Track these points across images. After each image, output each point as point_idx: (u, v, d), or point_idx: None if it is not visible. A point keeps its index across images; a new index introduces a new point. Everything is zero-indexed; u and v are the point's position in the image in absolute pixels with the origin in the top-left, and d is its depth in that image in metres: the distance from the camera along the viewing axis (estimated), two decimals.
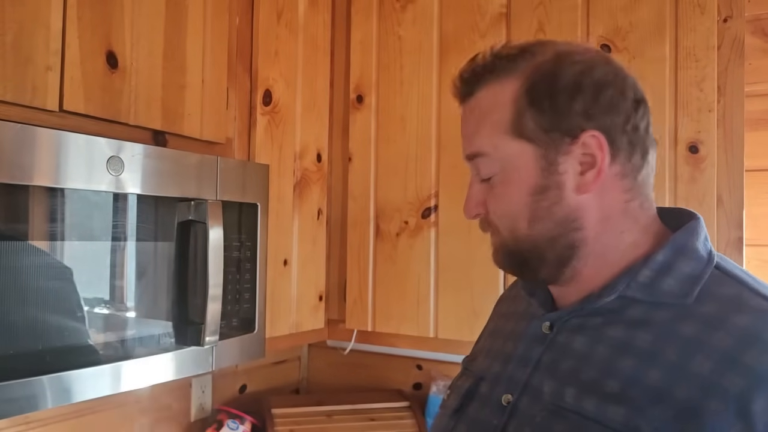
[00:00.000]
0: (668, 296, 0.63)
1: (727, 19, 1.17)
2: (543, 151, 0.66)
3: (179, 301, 1.06)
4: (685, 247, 0.66)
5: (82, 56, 0.96)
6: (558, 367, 0.67)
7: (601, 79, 0.66)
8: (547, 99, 0.66)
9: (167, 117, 1.11)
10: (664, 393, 0.58)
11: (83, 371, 0.90)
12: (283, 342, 1.40)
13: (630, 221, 0.68)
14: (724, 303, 0.61)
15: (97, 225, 0.94)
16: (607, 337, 0.65)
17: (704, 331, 0.59)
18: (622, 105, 0.66)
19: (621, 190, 0.67)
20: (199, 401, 1.55)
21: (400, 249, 1.45)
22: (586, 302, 0.68)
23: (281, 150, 1.38)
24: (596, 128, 0.65)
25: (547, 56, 0.68)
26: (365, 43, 1.51)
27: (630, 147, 0.67)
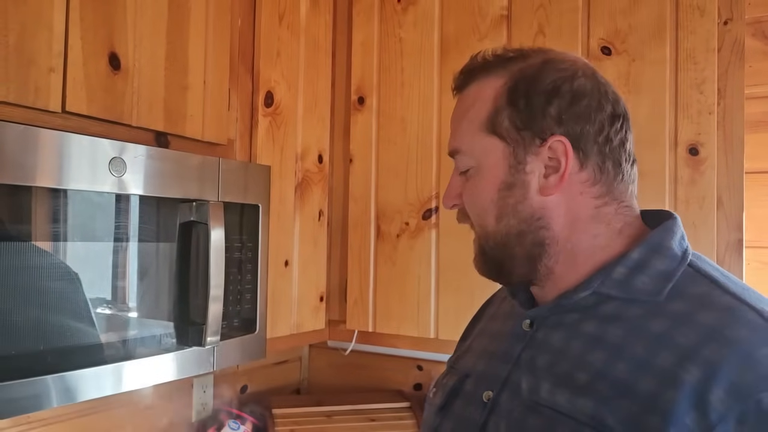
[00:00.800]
0: (641, 293, 0.65)
1: (727, 21, 1.17)
2: (513, 149, 0.69)
3: (181, 302, 1.06)
4: (660, 246, 0.68)
5: (85, 57, 0.97)
6: (536, 363, 0.69)
7: (580, 88, 0.69)
8: (524, 99, 0.69)
9: (169, 118, 1.11)
10: (630, 386, 0.60)
11: (86, 371, 0.91)
12: (284, 342, 1.41)
13: (602, 225, 0.69)
14: (693, 301, 0.63)
15: (100, 226, 0.95)
16: (581, 333, 0.67)
17: (672, 328, 0.61)
18: (597, 116, 0.68)
19: (591, 196, 0.69)
20: (200, 401, 1.56)
21: (400, 250, 1.45)
22: (562, 298, 0.70)
23: (283, 151, 1.38)
24: (565, 134, 0.67)
25: (536, 60, 0.71)
26: (366, 44, 1.51)
27: (601, 157, 0.68)
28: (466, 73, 0.76)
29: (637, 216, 0.72)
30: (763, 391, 0.54)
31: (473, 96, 0.73)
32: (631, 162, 0.72)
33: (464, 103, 0.75)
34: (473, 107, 0.73)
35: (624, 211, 0.70)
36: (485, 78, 0.73)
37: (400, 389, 1.75)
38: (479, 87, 0.73)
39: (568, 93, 0.68)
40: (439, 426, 0.78)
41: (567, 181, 0.68)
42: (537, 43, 1.32)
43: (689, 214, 1.17)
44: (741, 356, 0.56)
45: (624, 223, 0.70)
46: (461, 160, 0.74)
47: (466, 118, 0.73)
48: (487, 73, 0.73)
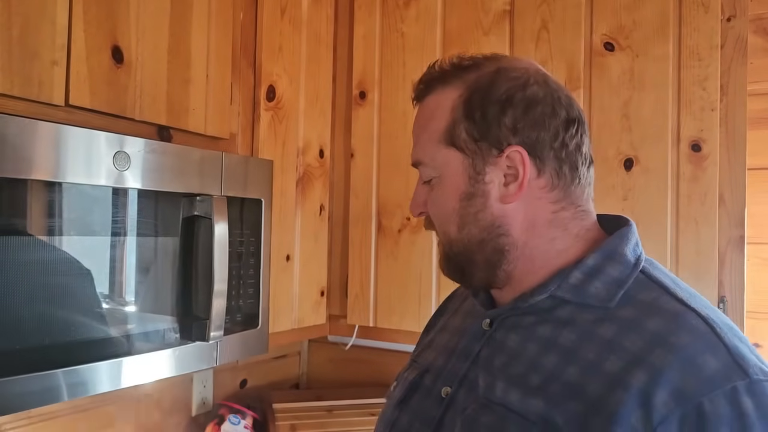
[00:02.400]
0: (594, 299, 0.67)
1: (730, 18, 1.17)
2: (471, 160, 0.71)
3: (184, 297, 1.06)
4: (615, 252, 0.69)
5: (88, 51, 0.96)
6: (492, 363, 0.71)
7: (533, 96, 0.70)
8: (479, 110, 0.70)
9: (172, 112, 1.10)
10: (579, 388, 0.62)
11: (91, 366, 0.90)
12: (285, 337, 1.40)
13: (559, 229, 0.71)
14: (642, 307, 0.65)
15: (103, 220, 0.94)
16: (537, 336, 0.69)
17: (620, 334, 0.63)
18: (551, 122, 0.69)
19: (548, 201, 0.70)
20: (200, 396, 1.55)
21: (401, 245, 1.45)
22: (519, 300, 0.72)
23: (284, 146, 1.38)
24: (521, 143, 0.69)
25: (490, 69, 0.72)
26: (368, 39, 1.51)
27: (557, 162, 0.70)
28: (425, 83, 0.76)
29: (593, 221, 0.74)
30: (704, 395, 0.56)
31: (432, 107, 0.75)
32: (588, 165, 0.73)
33: (423, 115, 0.76)
34: (432, 119, 0.74)
35: (580, 216, 0.72)
36: (442, 89, 0.74)
37: None
38: (437, 98, 0.74)
39: (522, 102, 0.69)
40: (396, 419, 0.79)
41: (526, 188, 0.69)
42: (540, 40, 1.32)
43: (691, 210, 1.18)
44: (684, 361, 0.58)
45: (581, 228, 0.72)
46: (424, 171, 0.76)
47: (426, 131, 0.75)
48: (444, 83, 0.74)
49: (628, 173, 1.23)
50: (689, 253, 1.18)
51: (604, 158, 1.25)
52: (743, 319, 1.15)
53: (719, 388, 0.56)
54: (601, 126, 1.25)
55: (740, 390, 0.56)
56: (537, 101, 0.70)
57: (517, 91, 0.69)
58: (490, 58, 0.75)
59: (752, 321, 1.31)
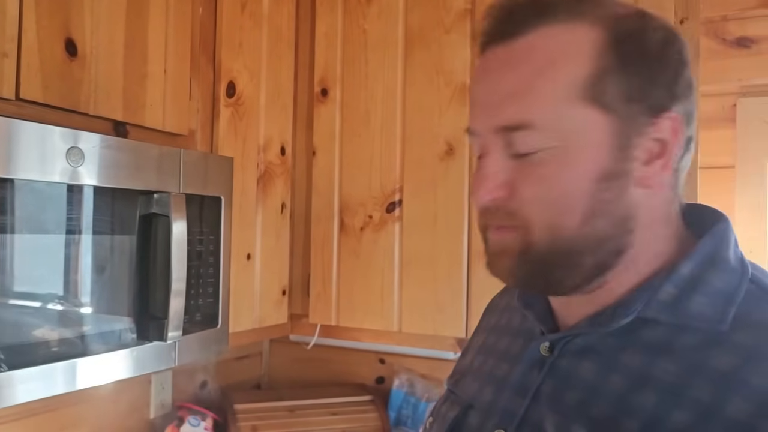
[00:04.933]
0: (698, 319, 0.52)
1: (683, 20, 1.21)
2: (621, 126, 0.53)
3: (141, 296, 1.03)
4: (716, 257, 0.54)
5: (40, 43, 0.93)
6: (562, 399, 0.55)
7: (683, 55, 0.55)
8: (638, 62, 0.53)
9: (128, 107, 1.08)
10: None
11: (44, 367, 0.88)
12: (246, 337, 1.39)
13: (666, 225, 0.57)
14: (765, 330, 0.50)
15: (55, 218, 0.91)
16: (621, 365, 0.53)
17: (743, 366, 0.48)
18: (694, 91, 0.56)
19: (670, 188, 0.56)
20: (158, 398, 1.52)
21: (364, 243, 1.45)
22: (596, 322, 0.56)
23: (245, 143, 1.36)
24: (678, 111, 0.54)
25: (628, 10, 0.56)
26: (330, 35, 1.50)
27: (688, 140, 0.56)
28: (518, 11, 0.55)
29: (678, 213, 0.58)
30: None
31: (551, 47, 0.54)
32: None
33: (533, 59, 0.54)
34: (557, 65, 0.53)
35: (677, 207, 0.58)
36: (559, 24, 0.54)
37: (363, 383, 1.75)
38: (556, 36, 0.54)
39: (675, 60, 0.54)
40: None
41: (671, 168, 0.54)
42: None
43: None
44: None
45: (677, 225, 0.58)
46: (529, 138, 0.54)
47: (544, 78, 0.53)
48: (555, 17, 0.54)
49: None
50: None
51: None
52: None
53: None
54: None
55: None
56: (686, 62, 0.55)
57: (669, 47, 0.54)
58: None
59: None
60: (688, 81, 0.55)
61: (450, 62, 1.37)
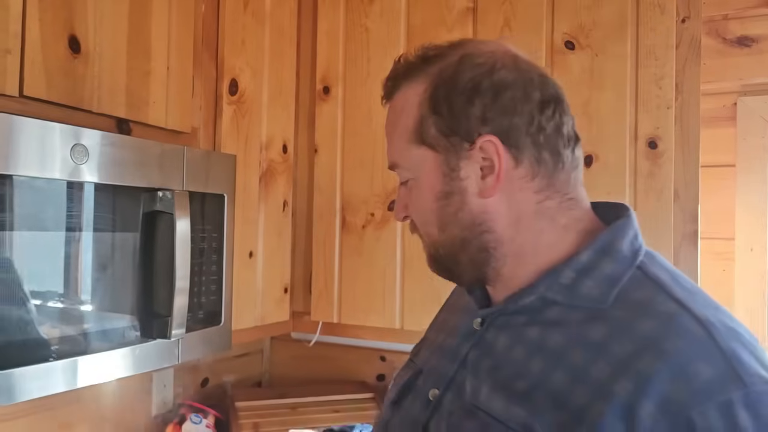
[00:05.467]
0: (586, 300, 0.63)
1: (685, 19, 1.21)
2: (444, 156, 0.67)
3: (144, 294, 1.03)
4: (610, 247, 0.64)
5: (43, 40, 0.93)
6: (480, 365, 0.68)
7: (502, 80, 0.65)
8: (446, 103, 0.66)
9: (132, 105, 1.08)
10: (564, 397, 0.58)
11: (43, 366, 0.87)
12: (248, 335, 1.39)
13: (546, 221, 0.67)
14: (634, 307, 0.60)
15: (58, 215, 0.91)
16: (525, 338, 0.65)
17: (610, 336, 0.59)
18: (524, 107, 0.65)
19: (531, 191, 0.66)
20: (160, 396, 1.52)
21: (366, 241, 1.45)
22: (509, 302, 0.68)
23: (247, 140, 1.36)
24: (493, 132, 0.65)
25: (454, 58, 0.68)
26: (332, 34, 1.50)
27: (535, 148, 0.65)
28: (392, 79, 0.72)
29: (585, 209, 0.69)
30: (693, 408, 0.52)
31: (400, 105, 0.71)
32: (572, 146, 0.68)
33: (393, 114, 0.72)
34: (401, 118, 0.70)
35: (568, 204, 0.67)
36: (408, 84, 0.70)
37: (363, 380, 1.76)
38: (404, 95, 0.70)
39: (489, 89, 0.65)
40: (389, 421, 0.77)
41: (504, 179, 0.65)
42: (503, 37, 1.33)
43: (648, 206, 1.21)
44: (674, 370, 0.54)
45: (569, 218, 0.67)
46: (401, 173, 0.72)
47: (397, 131, 0.71)
48: (409, 79, 0.70)
49: (587, 169, 1.25)
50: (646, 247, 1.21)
51: None
52: None
53: (712, 399, 0.52)
54: None
55: (736, 402, 0.52)
56: (506, 86, 0.65)
57: (483, 78, 0.65)
58: (455, 45, 0.70)
59: None
60: (506, 103, 0.65)
61: None
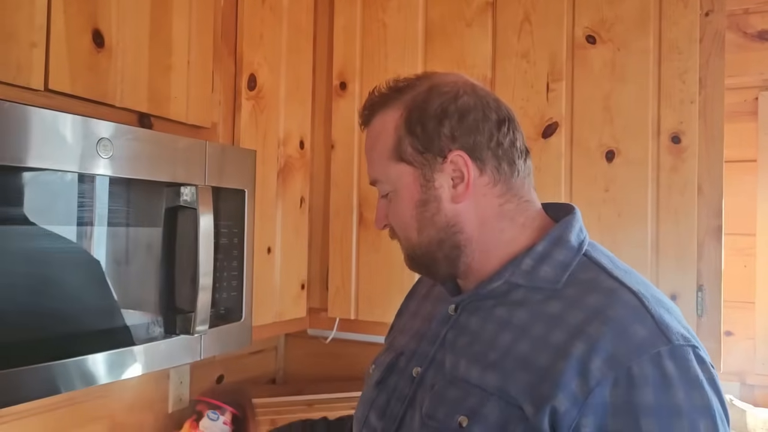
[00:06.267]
0: (543, 281, 0.76)
1: (708, 13, 1.20)
2: (421, 170, 0.79)
3: (167, 289, 1.03)
4: (560, 239, 0.78)
5: (68, 33, 0.92)
6: (457, 344, 0.80)
7: (465, 105, 0.78)
8: (419, 126, 0.78)
9: (153, 99, 1.07)
10: (530, 361, 0.70)
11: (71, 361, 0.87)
12: (267, 331, 1.38)
13: (506, 221, 0.80)
14: (583, 285, 0.74)
15: (83, 210, 0.90)
16: (494, 317, 0.78)
17: (564, 310, 0.72)
18: (485, 126, 0.78)
19: (494, 196, 0.79)
20: (176, 392, 1.52)
21: (384, 237, 1.42)
22: (479, 288, 0.80)
23: (265, 136, 1.35)
24: (461, 148, 0.77)
25: (423, 88, 0.80)
26: (349, 29, 1.49)
27: (496, 160, 0.78)
28: (368, 108, 0.85)
29: (538, 210, 0.83)
30: (632, 360, 0.65)
31: (378, 130, 0.83)
32: (524, 158, 0.82)
33: (372, 137, 0.84)
34: (379, 140, 0.82)
35: (524, 206, 0.81)
36: (384, 111, 0.82)
37: None
38: (381, 120, 0.82)
39: (455, 112, 0.78)
40: (375, 399, 0.87)
41: (472, 187, 0.77)
42: (523, 32, 1.33)
43: (671, 201, 1.20)
44: (617, 331, 0.67)
45: (526, 218, 0.80)
46: (381, 187, 0.84)
47: (376, 151, 0.83)
48: (384, 106, 0.82)
49: (609, 164, 1.25)
50: (669, 242, 1.20)
51: (587, 150, 1.26)
52: (720, 307, 1.18)
53: (646, 353, 0.65)
54: (582, 118, 1.27)
55: (663, 354, 0.65)
56: (469, 110, 0.78)
57: (450, 104, 0.78)
58: (422, 77, 0.83)
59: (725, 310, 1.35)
60: (470, 124, 0.78)
61: (471, 56, 1.37)
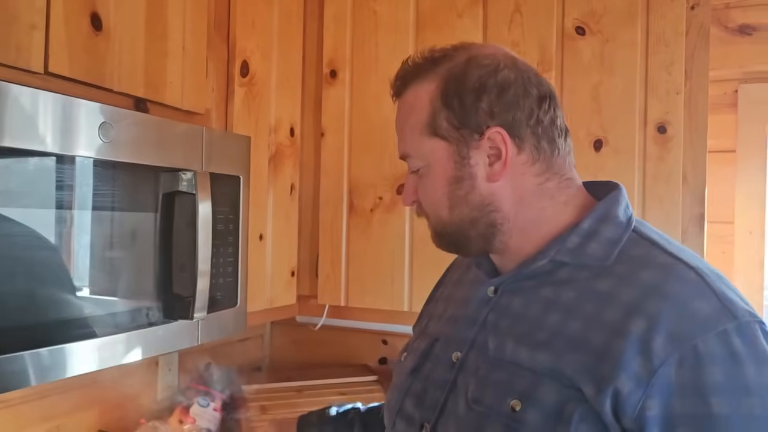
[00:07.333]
0: (592, 259, 0.72)
1: (694, 6, 1.24)
2: (456, 146, 0.75)
3: (165, 275, 1.03)
4: (608, 215, 0.75)
5: (67, 16, 0.91)
6: (499, 325, 0.76)
7: (505, 79, 0.74)
8: (456, 99, 0.75)
9: (150, 84, 1.06)
10: (583, 341, 0.67)
11: (70, 346, 0.87)
12: (259, 317, 1.39)
13: (546, 199, 0.76)
14: (635, 262, 0.70)
15: (83, 194, 0.90)
16: (539, 297, 0.74)
17: (616, 287, 0.68)
18: (525, 102, 0.74)
19: (532, 174, 0.76)
20: (165, 380, 1.52)
21: (374, 224, 1.46)
22: (522, 267, 0.77)
23: (257, 123, 1.35)
24: (500, 124, 0.74)
25: (461, 59, 0.76)
26: (339, 17, 1.49)
27: (535, 138, 0.75)
28: (401, 78, 0.81)
29: (579, 187, 0.79)
30: (697, 337, 0.62)
31: (411, 102, 0.79)
32: (564, 136, 0.78)
33: (404, 109, 0.80)
34: (413, 113, 0.78)
35: (566, 184, 0.77)
36: (418, 83, 0.78)
37: (365, 363, 1.77)
38: (415, 92, 0.78)
39: (495, 87, 0.74)
40: (410, 387, 0.83)
41: (509, 165, 0.74)
42: (513, 23, 1.35)
43: (657, 189, 1.24)
44: (678, 308, 0.64)
45: (567, 195, 0.77)
46: (412, 162, 0.80)
47: (409, 124, 0.79)
48: (419, 77, 0.78)
49: (597, 153, 1.28)
50: None
51: (575, 139, 1.25)
52: None
53: (712, 330, 0.62)
54: (571, 108, 1.30)
55: (730, 331, 0.62)
56: (509, 84, 0.74)
57: (489, 78, 0.74)
58: (459, 48, 0.78)
59: None
60: (509, 99, 0.74)
61: None
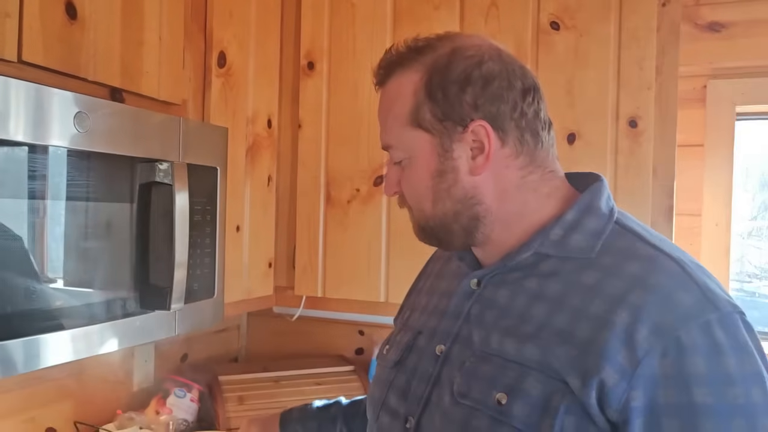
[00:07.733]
0: (576, 251, 0.72)
1: (665, 3, 1.26)
2: (439, 139, 0.74)
3: (142, 265, 1.03)
4: (590, 207, 0.74)
5: (41, 4, 0.90)
6: (484, 318, 0.75)
7: (490, 72, 0.73)
8: (440, 91, 0.73)
9: (126, 74, 1.06)
10: (569, 333, 0.67)
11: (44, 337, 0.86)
12: (235, 308, 1.39)
13: (530, 192, 0.75)
14: (619, 254, 0.70)
15: (58, 183, 0.89)
16: (524, 289, 0.73)
17: (602, 279, 0.68)
18: (509, 95, 0.73)
19: (516, 167, 0.74)
20: (142, 371, 1.51)
21: (351, 216, 1.47)
22: (506, 259, 0.76)
23: (234, 114, 1.35)
24: (483, 118, 0.72)
25: (445, 50, 0.75)
26: (317, 8, 1.49)
27: (519, 131, 0.74)
28: (384, 67, 0.79)
29: (562, 179, 0.78)
30: (680, 329, 0.62)
31: (394, 91, 0.77)
32: (548, 128, 0.77)
33: (387, 99, 0.79)
34: (396, 103, 0.76)
35: (549, 177, 0.76)
36: (401, 72, 0.76)
37: (342, 354, 1.78)
38: (398, 82, 0.76)
39: (479, 79, 0.72)
40: (393, 380, 0.82)
41: (492, 159, 0.73)
42: (490, 16, 1.36)
43: (628, 182, 1.27)
44: (662, 300, 0.64)
45: (551, 188, 0.76)
46: (394, 153, 0.78)
47: (391, 114, 0.77)
48: (402, 67, 0.76)
49: (570, 147, 1.30)
50: None
51: None
52: None
53: (694, 321, 0.63)
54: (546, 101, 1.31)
55: (712, 322, 0.63)
56: (493, 76, 0.73)
57: (474, 69, 0.73)
58: (443, 37, 0.77)
59: None
60: (494, 91, 0.73)
61: None
